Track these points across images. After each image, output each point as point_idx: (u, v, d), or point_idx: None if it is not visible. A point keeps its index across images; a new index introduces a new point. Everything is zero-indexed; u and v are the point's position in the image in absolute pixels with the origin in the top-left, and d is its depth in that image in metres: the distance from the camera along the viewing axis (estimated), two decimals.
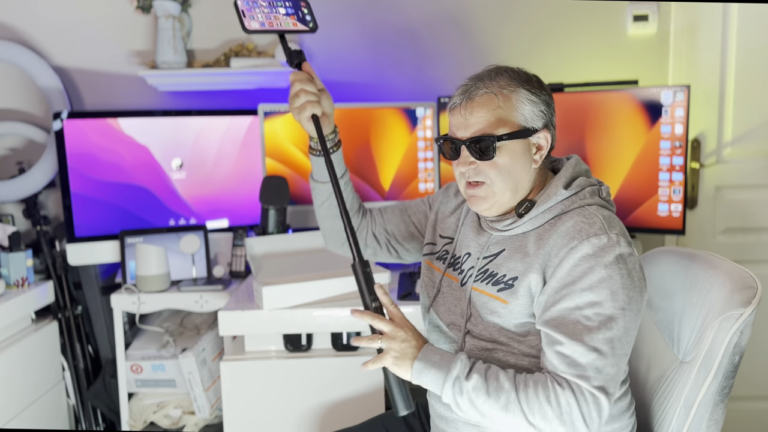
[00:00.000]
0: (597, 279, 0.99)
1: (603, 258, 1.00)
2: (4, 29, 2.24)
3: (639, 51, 2.25)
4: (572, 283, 1.01)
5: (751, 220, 2.22)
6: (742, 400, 2.22)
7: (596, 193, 1.10)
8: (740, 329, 1.03)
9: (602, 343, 0.98)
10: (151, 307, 1.99)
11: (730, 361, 1.05)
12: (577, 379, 0.97)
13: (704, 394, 1.06)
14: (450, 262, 1.23)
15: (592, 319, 0.99)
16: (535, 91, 1.08)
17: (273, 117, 2.06)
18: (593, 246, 1.01)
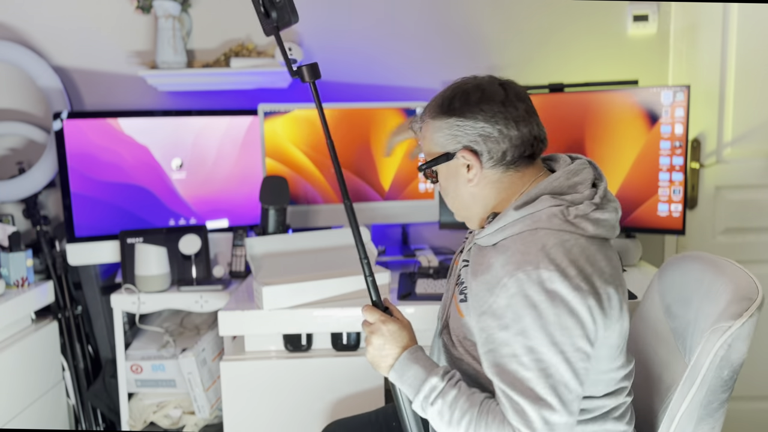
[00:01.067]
0: (530, 321, 0.95)
1: (532, 296, 0.95)
2: (4, 29, 2.24)
3: (639, 51, 2.25)
4: (506, 328, 0.96)
5: (751, 220, 2.22)
6: (742, 400, 2.22)
7: (557, 215, 1.00)
8: (728, 343, 0.98)
9: (546, 392, 0.94)
10: (151, 307, 1.99)
11: (716, 375, 1.00)
12: (527, 430, 0.94)
13: (686, 406, 1.02)
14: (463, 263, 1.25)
15: (530, 368, 0.95)
16: (444, 117, 1.08)
17: (273, 117, 2.06)
18: (521, 283, 0.95)
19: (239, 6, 2.26)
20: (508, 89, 1.07)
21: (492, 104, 1.05)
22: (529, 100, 1.08)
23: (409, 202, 2.15)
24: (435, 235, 2.34)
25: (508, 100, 1.05)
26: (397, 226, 2.32)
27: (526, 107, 1.07)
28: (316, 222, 2.11)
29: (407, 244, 2.30)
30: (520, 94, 1.07)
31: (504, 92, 1.06)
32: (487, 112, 1.05)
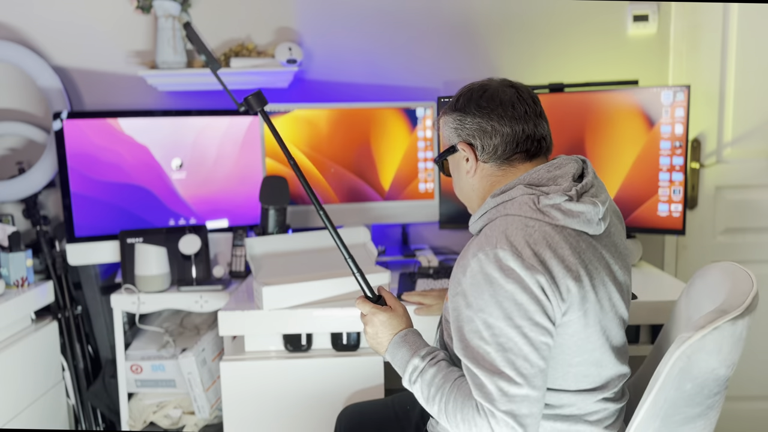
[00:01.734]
0: (487, 297, 1.00)
1: (490, 273, 1.00)
2: (4, 29, 2.24)
3: (639, 51, 2.25)
4: (468, 306, 1.02)
5: (751, 220, 2.22)
6: (742, 400, 2.22)
7: (527, 203, 1.05)
8: (686, 354, 0.94)
9: (504, 365, 0.97)
10: (151, 307, 1.99)
11: (676, 386, 0.95)
12: (486, 402, 0.98)
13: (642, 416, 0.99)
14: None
15: (488, 342, 0.99)
16: (448, 113, 1.17)
17: (273, 117, 2.05)
18: (479, 261, 1.02)
19: (239, 6, 2.26)
20: (519, 91, 1.13)
21: (491, 102, 1.12)
22: (536, 103, 1.14)
23: (409, 202, 2.15)
24: (435, 235, 2.34)
25: (509, 100, 1.12)
26: (397, 226, 2.32)
27: (528, 109, 1.12)
28: (316, 222, 2.11)
29: (407, 244, 2.30)
30: (524, 96, 1.13)
31: (509, 93, 1.12)
32: (484, 109, 1.12)
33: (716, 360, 0.94)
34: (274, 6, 2.26)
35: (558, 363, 1.05)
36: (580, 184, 1.08)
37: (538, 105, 1.14)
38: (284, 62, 2.15)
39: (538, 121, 1.13)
